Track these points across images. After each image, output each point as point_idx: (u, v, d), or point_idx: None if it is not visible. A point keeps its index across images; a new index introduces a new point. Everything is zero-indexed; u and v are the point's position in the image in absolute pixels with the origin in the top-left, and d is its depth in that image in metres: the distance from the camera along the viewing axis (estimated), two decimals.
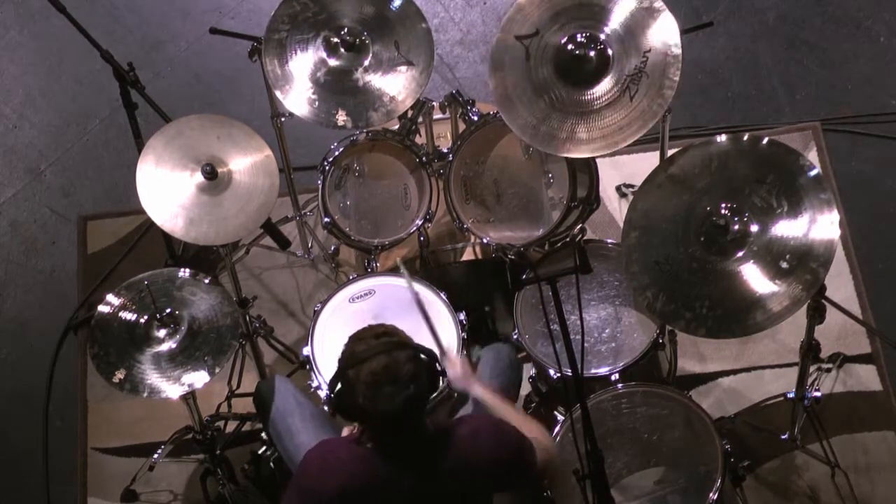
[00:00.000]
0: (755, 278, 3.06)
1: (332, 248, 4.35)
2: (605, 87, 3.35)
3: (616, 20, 3.35)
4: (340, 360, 2.80)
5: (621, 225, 3.35)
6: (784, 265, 3.03)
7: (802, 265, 3.02)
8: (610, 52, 3.35)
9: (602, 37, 3.35)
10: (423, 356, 2.79)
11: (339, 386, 2.78)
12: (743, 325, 3.06)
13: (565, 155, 3.50)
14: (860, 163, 4.44)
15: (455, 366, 3.21)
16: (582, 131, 3.35)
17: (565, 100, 3.37)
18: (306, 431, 3.37)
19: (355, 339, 2.81)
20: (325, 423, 3.44)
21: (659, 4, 3.33)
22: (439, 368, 2.84)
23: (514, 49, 3.39)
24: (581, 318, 3.05)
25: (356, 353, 2.76)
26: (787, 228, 3.05)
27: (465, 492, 2.90)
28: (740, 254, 3.08)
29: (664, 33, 3.31)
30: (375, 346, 2.75)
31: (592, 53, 3.36)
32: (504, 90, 3.39)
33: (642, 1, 3.34)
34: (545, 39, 3.39)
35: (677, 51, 3.30)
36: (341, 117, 3.62)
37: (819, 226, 3.02)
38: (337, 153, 3.79)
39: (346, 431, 3.22)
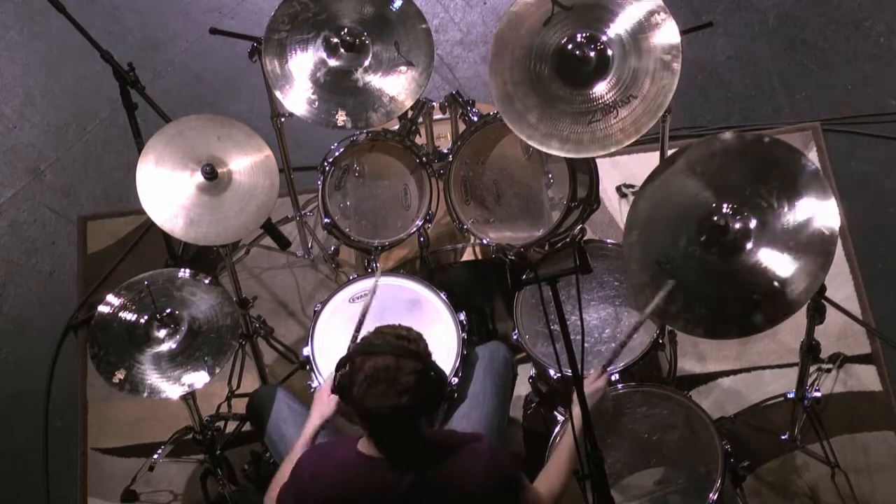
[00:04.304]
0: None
1: (332, 248, 4.35)
2: (604, 87, 3.35)
3: (620, 23, 3.35)
4: (357, 344, 2.88)
5: (621, 225, 3.35)
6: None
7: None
8: (610, 53, 3.35)
9: (603, 38, 3.34)
10: (431, 374, 2.79)
11: (346, 367, 2.82)
12: (743, 325, 3.06)
13: (565, 155, 3.49)
14: (860, 163, 4.44)
15: (593, 386, 3.21)
16: (581, 131, 3.35)
17: (565, 99, 3.37)
18: (300, 437, 3.36)
19: (378, 331, 2.84)
20: None
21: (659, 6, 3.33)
22: (446, 392, 2.85)
23: (522, 28, 3.34)
24: (581, 318, 3.04)
25: (371, 344, 2.80)
26: (787, 228, 3.04)
27: None
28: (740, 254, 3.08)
29: (664, 34, 3.31)
30: (389, 346, 2.77)
31: (592, 54, 3.35)
32: (504, 85, 3.38)
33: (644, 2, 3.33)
34: (546, 38, 3.38)
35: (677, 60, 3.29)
36: (341, 117, 3.61)
37: (819, 225, 3.02)
38: (337, 153, 3.79)
39: None
